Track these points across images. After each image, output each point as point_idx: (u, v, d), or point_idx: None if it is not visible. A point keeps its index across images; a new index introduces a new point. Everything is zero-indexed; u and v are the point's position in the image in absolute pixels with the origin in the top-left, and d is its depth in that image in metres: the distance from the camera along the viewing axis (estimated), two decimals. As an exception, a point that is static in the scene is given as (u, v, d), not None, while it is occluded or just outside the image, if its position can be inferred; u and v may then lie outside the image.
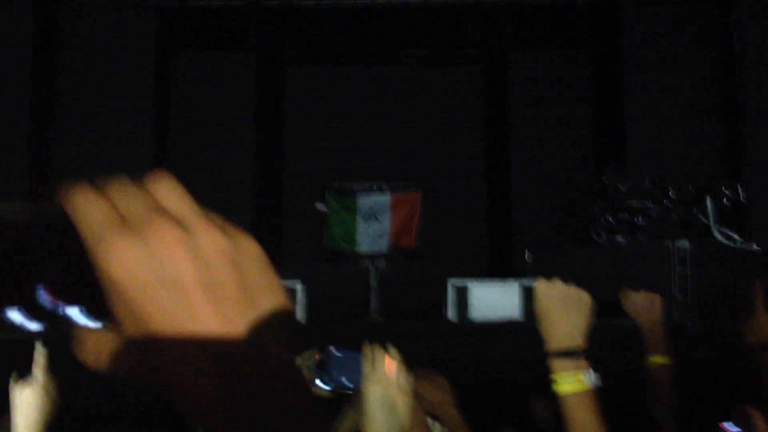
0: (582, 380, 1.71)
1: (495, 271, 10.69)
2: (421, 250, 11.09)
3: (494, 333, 7.55)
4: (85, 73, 11.79)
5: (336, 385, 1.93)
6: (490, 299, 7.91)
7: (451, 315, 7.96)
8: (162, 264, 0.48)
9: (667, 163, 10.74)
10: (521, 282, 8.11)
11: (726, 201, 9.31)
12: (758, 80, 11.21)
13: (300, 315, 7.82)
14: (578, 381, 1.70)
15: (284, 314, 0.51)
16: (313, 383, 1.90)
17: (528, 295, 7.86)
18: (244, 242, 0.51)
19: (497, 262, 11.47)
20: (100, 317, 0.50)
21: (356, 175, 12.00)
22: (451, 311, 7.96)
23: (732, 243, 8.90)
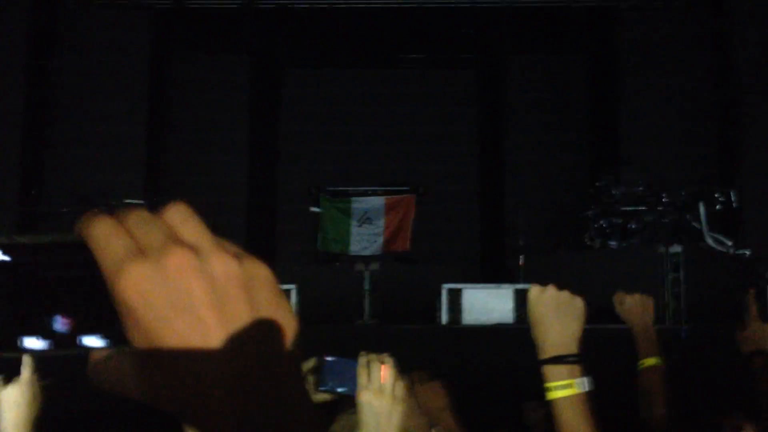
0: (575, 387, 1.71)
1: (489, 275, 10.69)
2: (415, 254, 11.08)
3: (487, 337, 7.55)
4: (80, 75, 11.76)
5: (330, 392, 1.93)
6: (484, 303, 7.92)
7: (445, 319, 7.96)
8: (175, 288, 0.50)
9: (661, 169, 10.77)
10: (515, 286, 8.12)
11: (719, 206, 9.34)
12: (752, 86, 11.25)
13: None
14: (572, 387, 1.70)
15: (293, 336, 0.53)
16: (313, 390, 1.90)
17: (521, 300, 7.87)
18: (256, 267, 0.53)
19: (491, 266, 11.48)
20: (115, 343, 0.52)
21: (350, 179, 12.00)
22: (445, 315, 7.96)
23: (724, 248, 8.93)
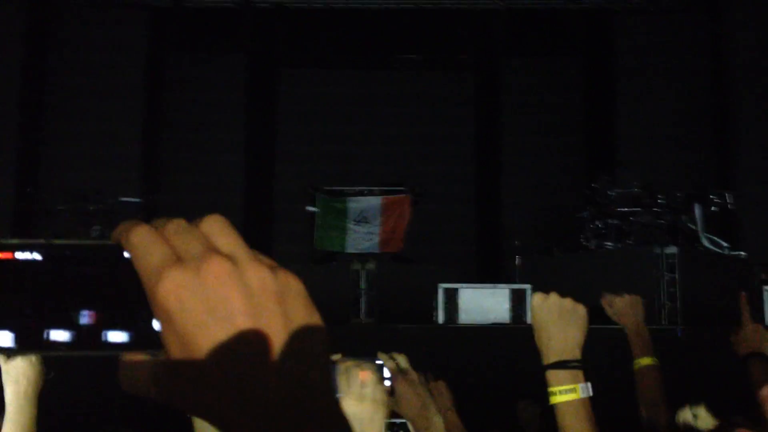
0: (578, 392, 1.73)
1: (485, 275, 10.71)
2: (411, 254, 11.09)
3: (483, 336, 7.57)
4: (76, 73, 11.74)
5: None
6: (480, 303, 7.93)
7: (441, 318, 7.98)
8: (212, 295, 0.52)
9: (657, 170, 10.79)
10: (511, 286, 8.14)
11: (714, 208, 9.37)
12: (747, 89, 11.30)
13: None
14: (575, 392, 1.72)
15: (323, 347, 0.55)
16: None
17: (517, 300, 7.89)
18: (288, 279, 0.55)
19: (487, 267, 11.50)
20: (138, 339, 0.54)
21: (347, 178, 12.00)
22: (441, 314, 7.98)
23: (720, 249, 8.97)
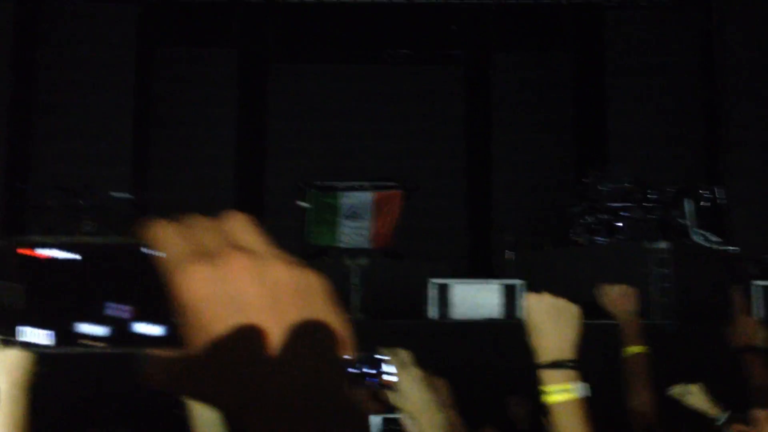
0: (573, 391, 1.73)
1: (476, 271, 10.73)
2: (402, 249, 11.09)
3: (475, 332, 7.58)
4: (66, 68, 11.67)
5: None
6: (472, 298, 7.94)
7: (432, 313, 7.98)
8: (233, 290, 0.52)
9: (647, 166, 10.83)
10: (502, 281, 8.15)
11: (704, 203, 9.41)
12: (737, 85, 11.34)
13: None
14: (568, 392, 1.72)
15: (343, 343, 0.55)
16: None
17: (509, 295, 7.90)
18: (309, 276, 0.55)
19: (478, 262, 11.52)
20: (177, 341, 0.54)
21: (338, 174, 11.99)
22: (432, 310, 7.98)
23: (710, 244, 9.01)
